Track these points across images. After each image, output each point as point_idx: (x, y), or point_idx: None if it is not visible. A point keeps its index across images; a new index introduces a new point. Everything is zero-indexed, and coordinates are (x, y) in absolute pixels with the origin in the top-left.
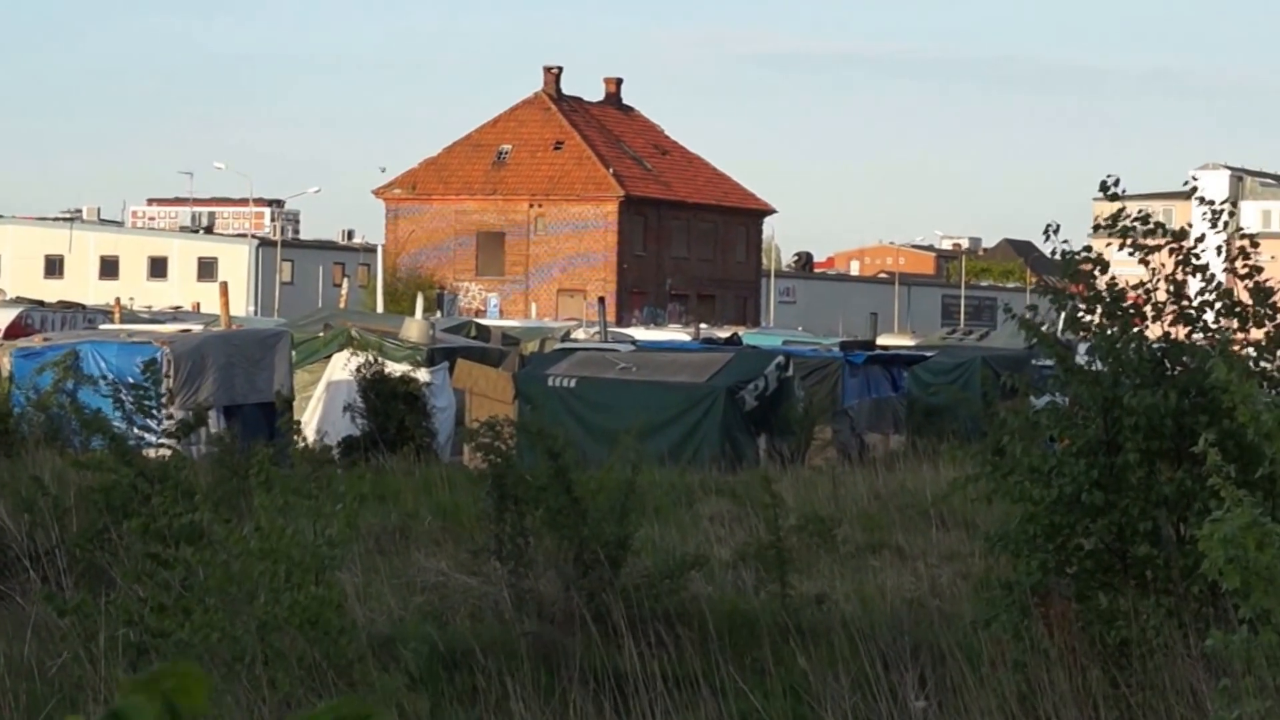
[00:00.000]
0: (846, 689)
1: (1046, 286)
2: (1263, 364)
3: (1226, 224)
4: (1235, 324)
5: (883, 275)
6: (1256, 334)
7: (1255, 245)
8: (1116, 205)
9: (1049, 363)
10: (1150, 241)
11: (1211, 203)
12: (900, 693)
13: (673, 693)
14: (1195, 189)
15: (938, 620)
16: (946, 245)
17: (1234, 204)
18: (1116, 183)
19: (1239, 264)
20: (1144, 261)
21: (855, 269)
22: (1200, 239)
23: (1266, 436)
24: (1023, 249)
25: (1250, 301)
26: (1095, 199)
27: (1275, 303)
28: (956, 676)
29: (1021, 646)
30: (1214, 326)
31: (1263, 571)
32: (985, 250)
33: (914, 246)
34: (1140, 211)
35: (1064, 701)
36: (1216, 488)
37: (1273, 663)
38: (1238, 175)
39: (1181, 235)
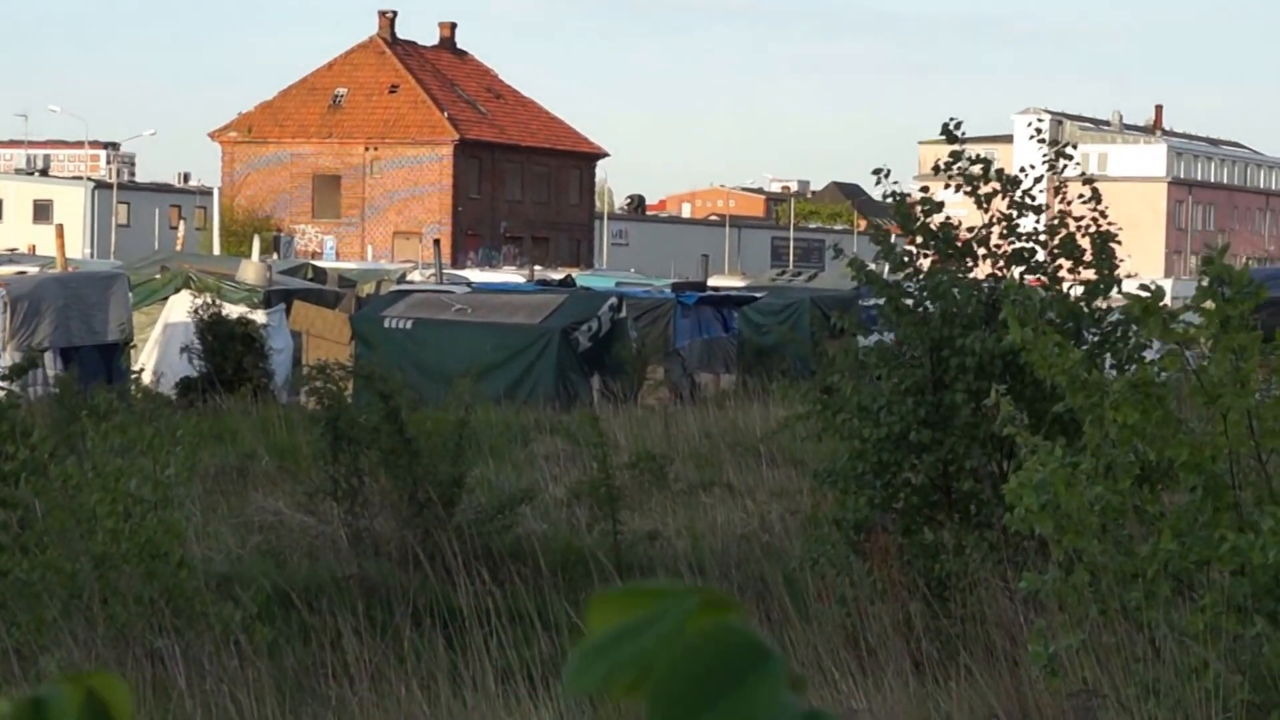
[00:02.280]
0: None
1: (877, 228)
2: (1094, 304)
3: (1064, 166)
4: (1068, 264)
5: (714, 218)
6: (1088, 274)
7: (1092, 186)
8: (944, 148)
9: (877, 303)
10: (988, 187)
11: (1055, 144)
12: None
13: (507, 628)
14: (1040, 131)
15: (766, 555)
16: (776, 188)
17: (1074, 146)
18: (958, 125)
19: (1076, 205)
20: (979, 203)
21: (687, 211)
22: (1038, 180)
23: (1059, 387)
24: (850, 192)
25: (1087, 245)
26: (921, 142)
27: (1111, 245)
28: (784, 610)
29: (847, 581)
30: (1043, 265)
31: (1073, 513)
32: (814, 193)
33: (744, 189)
34: (976, 155)
35: (887, 634)
36: (1013, 435)
37: (1085, 599)
38: (1058, 119)
39: (1015, 181)
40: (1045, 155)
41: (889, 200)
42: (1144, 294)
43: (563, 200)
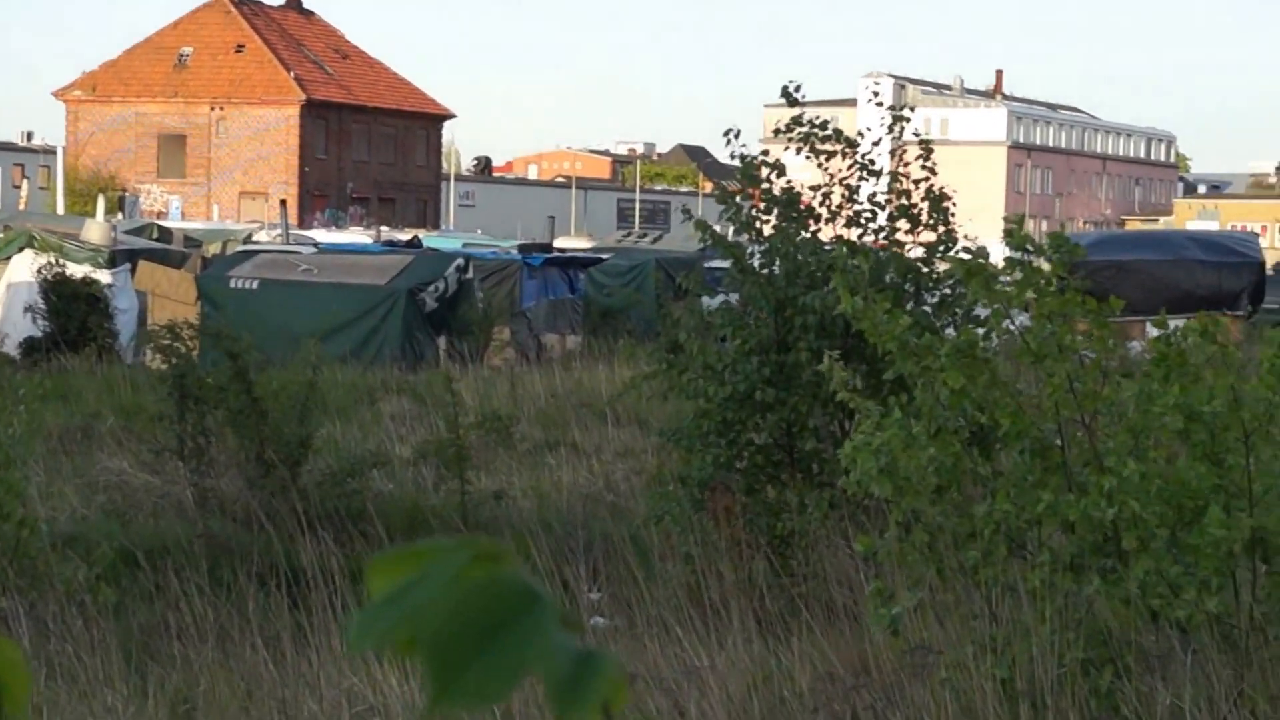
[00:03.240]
0: None
1: (723, 190)
2: (933, 266)
3: (903, 130)
4: (907, 226)
5: (560, 179)
6: (929, 236)
7: (926, 146)
8: (789, 112)
9: (722, 264)
10: (828, 147)
11: (894, 108)
12: (574, 585)
13: (352, 588)
14: (877, 95)
15: (611, 515)
16: (622, 150)
17: (913, 109)
18: (798, 89)
19: (916, 167)
20: (822, 166)
21: (533, 173)
22: (876, 143)
23: (891, 353)
24: (696, 154)
25: (925, 206)
26: (767, 105)
27: (947, 207)
28: (629, 569)
29: (691, 539)
30: (883, 227)
31: (911, 475)
32: (660, 155)
33: (591, 151)
34: (819, 117)
35: (730, 591)
36: (844, 400)
37: (923, 559)
38: (900, 84)
39: (854, 144)
40: (883, 118)
41: (736, 162)
42: (968, 255)
43: (409, 161)
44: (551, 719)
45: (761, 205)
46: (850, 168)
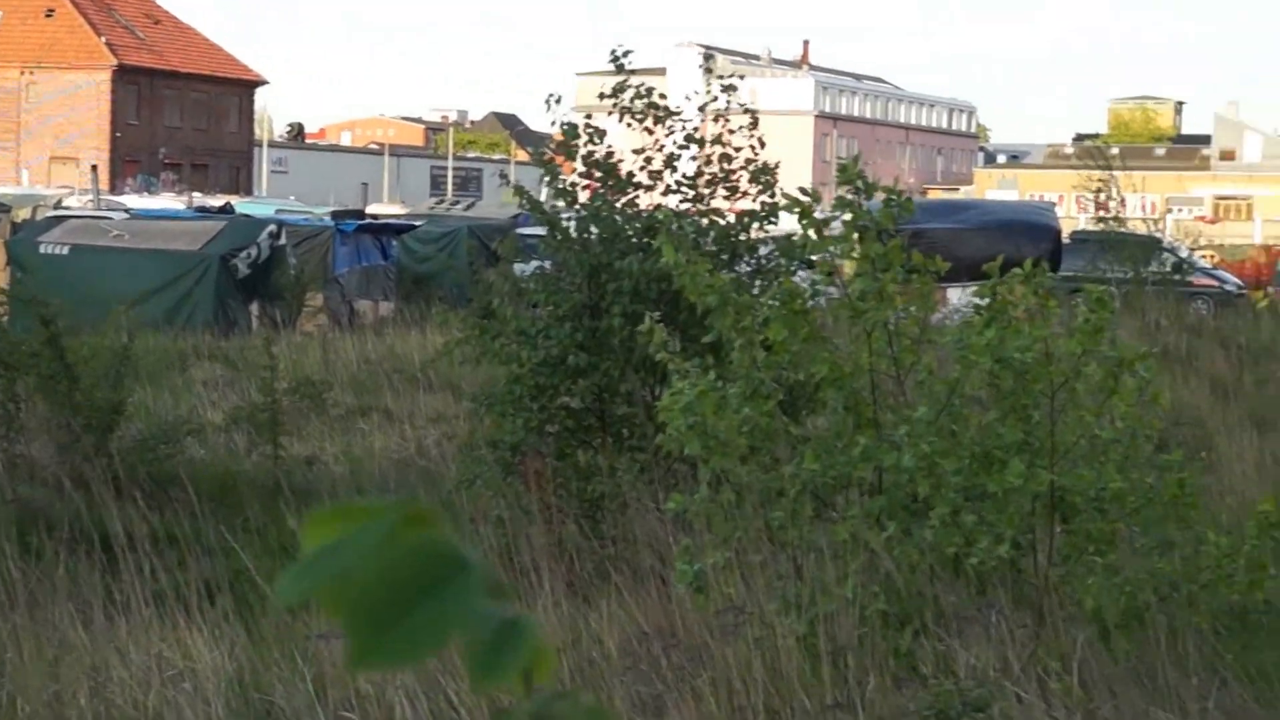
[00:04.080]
0: None
1: (540, 155)
2: (749, 234)
3: (729, 100)
4: (724, 194)
5: (373, 146)
6: (745, 204)
7: (753, 116)
8: (602, 80)
9: (536, 231)
10: (651, 114)
11: (721, 77)
12: None
13: (163, 553)
14: (706, 62)
15: (423, 479)
16: (435, 118)
17: (741, 78)
18: (626, 54)
19: (740, 135)
20: (648, 130)
21: (347, 140)
22: (702, 108)
23: (709, 313)
24: (509, 122)
25: (745, 175)
26: (579, 74)
27: (769, 179)
28: None
29: (502, 503)
30: (701, 195)
31: (721, 434)
32: (473, 123)
33: (404, 119)
34: (644, 84)
35: (542, 555)
36: (664, 361)
37: (731, 518)
38: (710, 53)
39: (672, 112)
40: (708, 87)
41: (553, 129)
42: (802, 197)
43: (222, 127)
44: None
45: (578, 173)
46: (669, 135)
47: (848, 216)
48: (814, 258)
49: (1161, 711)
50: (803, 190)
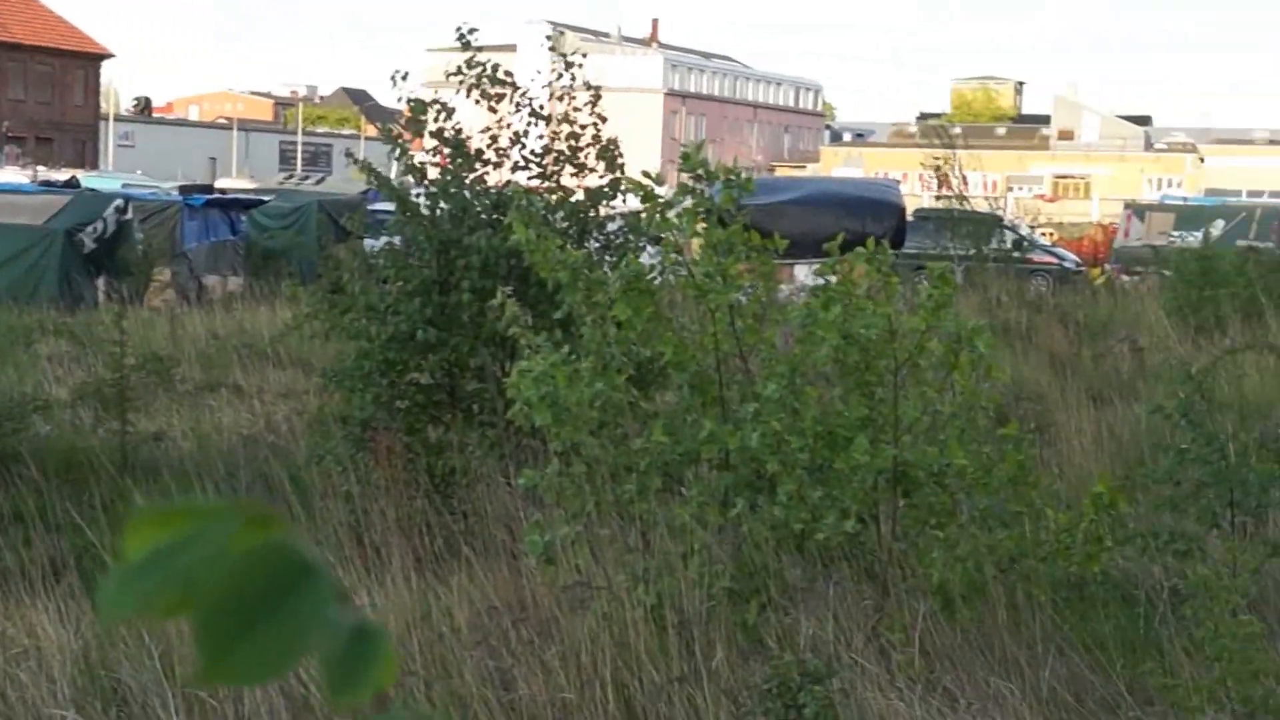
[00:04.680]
0: None
1: (389, 132)
2: (598, 211)
3: (575, 76)
4: (573, 171)
5: (221, 121)
6: (593, 180)
7: (596, 93)
8: (452, 56)
9: (385, 207)
10: (498, 91)
11: (564, 55)
12: None
13: (8, 531)
14: (553, 39)
15: (273, 455)
16: (284, 92)
17: (585, 56)
18: (472, 32)
19: (585, 113)
20: (492, 109)
21: (194, 114)
22: (548, 84)
23: (560, 289)
24: (358, 97)
25: (593, 152)
26: (429, 50)
27: (615, 155)
28: (289, 508)
29: (352, 479)
30: (549, 172)
31: (572, 406)
32: (322, 98)
33: (253, 93)
34: (490, 61)
35: (391, 530)
36: (516, 336)
37: (581, 492)
38: (560, 30)
39: (518, 87)
40: (554, 64)
41: (401, 105)
42: (645, 180)
43: (67, 101)
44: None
45: (427, 149)
46: (518, 112)
47: (689, 202)
48: (661, 235)
49: (1001, 680)
50: (645, 173)
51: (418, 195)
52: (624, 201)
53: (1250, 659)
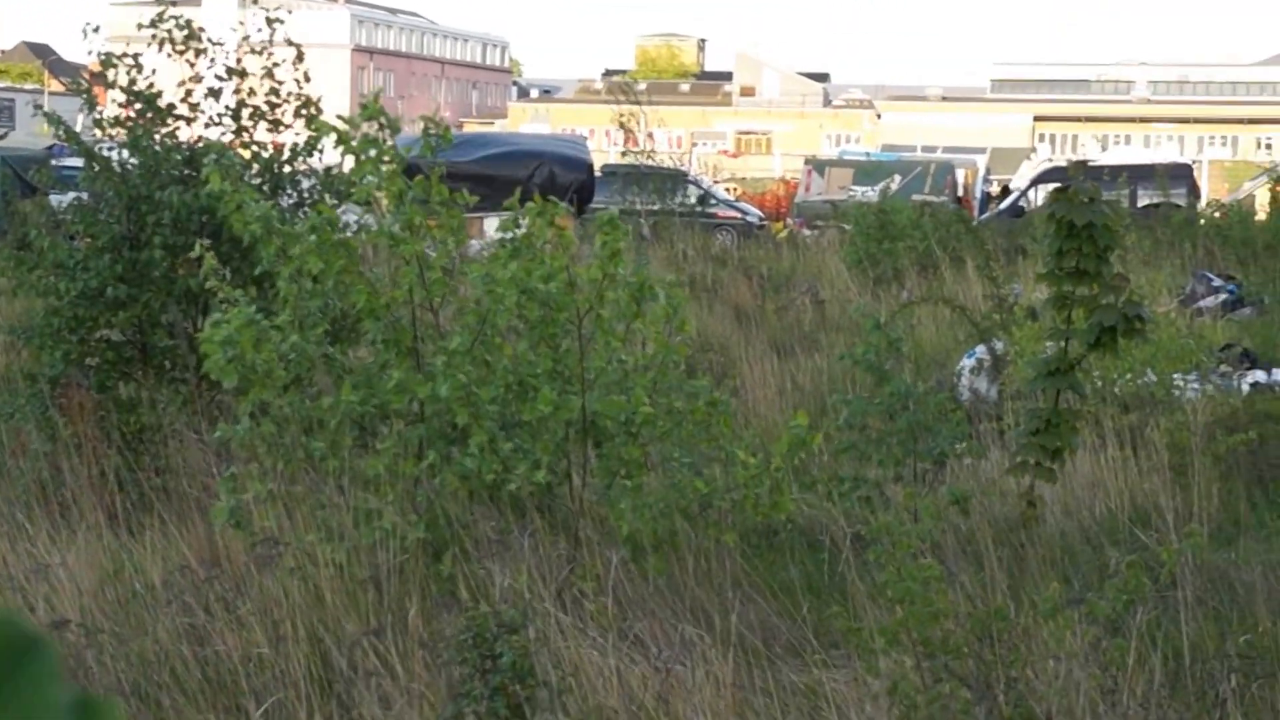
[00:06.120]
0: None
1: (78, 84)
2: (291, 167)
3: (274, 33)
4: (267, 127)
5: None
6: (286, 136)
7: (298, 50)
8: (138, 11)
9: (73, 163)
10: (192, 45)
11: (266, 11)
12: None
13: None
14: None
15: None
16: None
17: (288, 12)
18: None
19: (282, 69)
20: (190, 63)
21: None
22: (245, 38)
23: (257, 242)
24: (41, 51)
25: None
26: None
27: (312, 109)
28: None
29: (42, 436)
30: (244, 128)
31: (260, 368)
32: (3, 52)
33: None
34: (183, 16)
35: (83, 488)
36: (214, 290)
37: (273, 449)
38: None
39: (212, 42)
40: (241, 20)
41: (91, 58)
42: (340, 124)
43: None
44: None
45: (116, 103)
46: (210, 67)
47: (373, 152)
48: (353, 191)
49: (691, 627)
50: (340, 117)
51: (108, 150)
52: (320, 158)
53: (930, 602)
